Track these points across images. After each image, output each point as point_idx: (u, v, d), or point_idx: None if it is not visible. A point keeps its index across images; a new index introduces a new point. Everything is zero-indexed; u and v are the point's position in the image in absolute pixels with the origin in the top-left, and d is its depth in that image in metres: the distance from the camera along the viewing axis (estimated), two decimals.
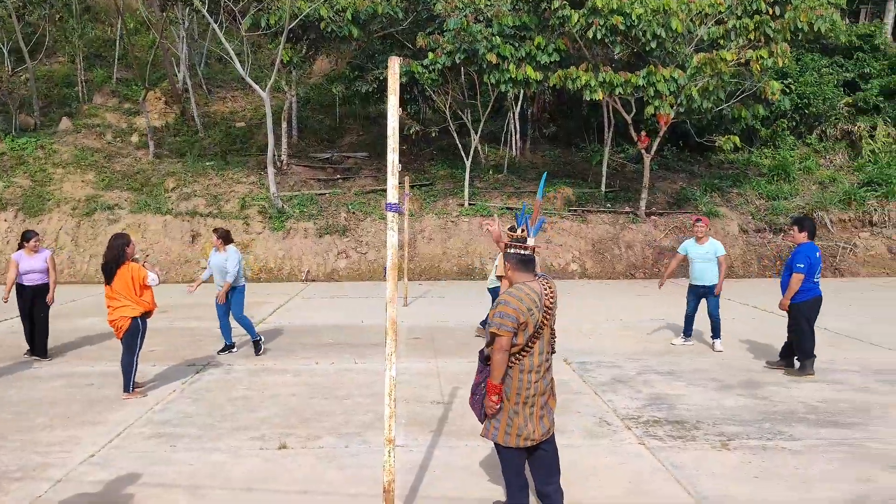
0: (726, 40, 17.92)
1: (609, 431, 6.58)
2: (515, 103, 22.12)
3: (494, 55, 17.79)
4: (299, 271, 18.22)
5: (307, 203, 19.89)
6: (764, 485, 5.34)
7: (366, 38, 20.95)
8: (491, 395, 4.39)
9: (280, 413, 7.09)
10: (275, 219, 19.03)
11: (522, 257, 4.44)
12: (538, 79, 18.03)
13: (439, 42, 18.52)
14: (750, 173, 22.34)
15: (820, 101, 23.04)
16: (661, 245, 19.11)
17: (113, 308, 7.64)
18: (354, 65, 22.69)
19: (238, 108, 25.75)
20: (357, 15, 18.71)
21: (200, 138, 23.39)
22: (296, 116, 23.98)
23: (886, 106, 23.43)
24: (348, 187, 21.12)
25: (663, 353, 9.89)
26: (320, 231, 18.92)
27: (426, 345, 10.37)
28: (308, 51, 20.95)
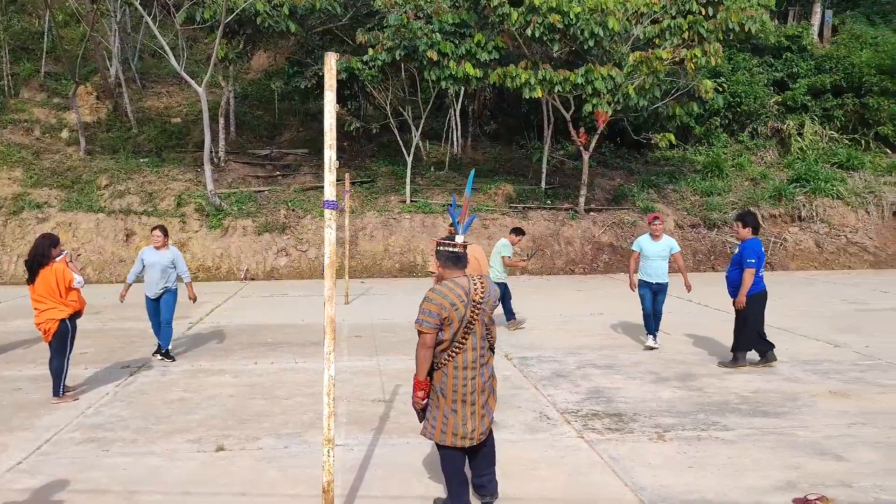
0: (661, 39, 18.29)
1: (549, 425, 6.65)
2: (456, 100, 22.17)
3: (435, 52, 17.80)
4: (238, 270, 17.93)
5: (246, 200, 19.57)
6: (698, 474, 5.47)
7: (304, 34, 20.70)
8: (416, 390, 4.47)
9: (218, 415, 6.96)
10: (212, 217, 18.68)
11: (451, 254, 4.51)
12: (478, 76, 18.12)
13: (379, 38, 18.44)
14: (685, 170, 22.86)
15: (751, 100, 23.71)
16: (600, 241, 19.41)
17: (39, 311, 7.37)
18: (293, 60, 22.42)
19: (174, 103, 25.15)
20: (294, 10, 18.48)
21: (134, 134, 22.77)
22: (233, 112, 23.55)
23: (813, 105, 24.25)
24: (288, 184, 20.87)
25: (602, 347, 10.05)
26: (259, 229, 18.65)
27: (368, 343, 10.32)
28: (245, 46, 20.61)
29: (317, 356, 9.32)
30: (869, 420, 6.73)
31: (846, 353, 9.61)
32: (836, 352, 9.68)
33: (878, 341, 10.26)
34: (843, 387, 7.90)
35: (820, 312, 12.80)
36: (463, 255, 4.55)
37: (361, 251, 18.58)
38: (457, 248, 4.53)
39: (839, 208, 21.00)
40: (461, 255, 4.54)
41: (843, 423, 6.67)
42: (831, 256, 20.03)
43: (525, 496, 5.10)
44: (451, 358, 4.42)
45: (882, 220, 21.05)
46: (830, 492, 5.11)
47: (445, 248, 4.54)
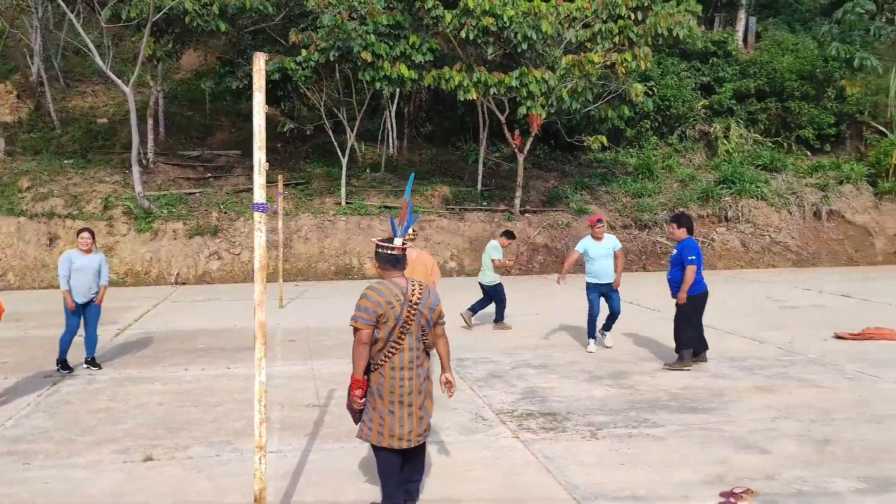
0: (593, 43, 18.60)
1: (484, 426, 6.68)
2: (391, 102, 22.11)
3: (369, 53, 17.70)
4: (168, 274, 17.49)
5: (176, 203, 19.10)
6: (630, 471, 5.57)
7: (235, 33, 20.33)
8: (353, 389, 4.48)
9: (146, 423, 6.77)
10: (141, 220, 18.16)
11: (390, 256, 4.60)
12: (413, 77, 18.10)
13: (313, 39, 18.23)
14: (617, 172, 23.30)
15: (680, 104, 24.32)
16: (535, 242, 19.62)
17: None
18: (224, 60, 22.00)
19: (100, 103, 24.38)
20: (225, 9, 18.10)
21: (58, 135, 21.96)
22: (163, 113, 22.94)
23: (739, 109, 25.03)
24: (220, 186, 20.46)
25: (537, 347, 10.15)
26: (190, 232, 18.23)
27: (302, 347, 10.19)
28: (174, 45, 20.11)
29: (249, 361, 9.14)
30: (791, 414, 6.97)
31: (770, 349, 9.93)
32: (761, 348, 10.00)
33: (800, 337, 10.64)
34: (767, 382, 8.16)
35: (746, 310, 13.21)
36: (401, 257, 4.62)
37: (296, 254, 18.34)
38: (395, 250, 4.60)
39: (763, 209, 21.70)
40: (399, 256, 4.61)
41: (768, 417, 6.89)
42: (756, 255, 20.69)
43: (460, 497, 5.11)
44: (388, 358, 4.46)
45: (804, 221, 21.85)
46: (755, 484, 5.26)
47: (384, 250, 4.61)
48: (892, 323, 11.27)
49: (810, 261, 20.84)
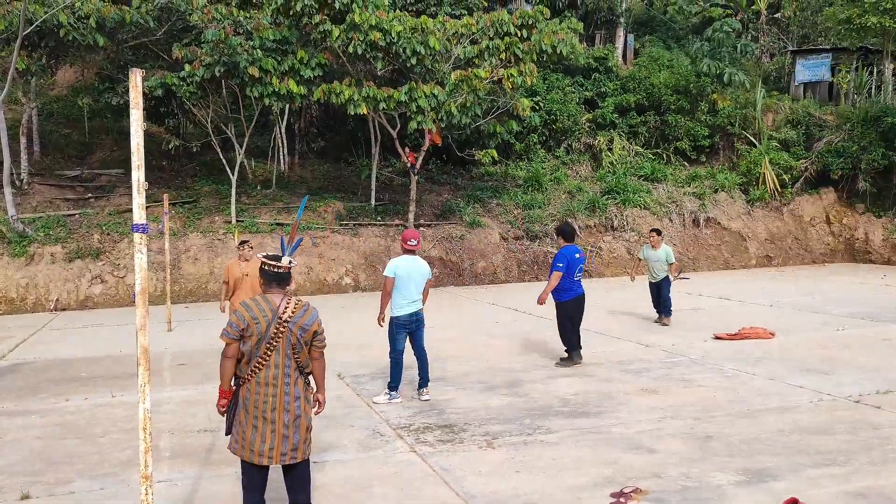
0: (481, 59, 18.97)
1: (382, 442, 6.67)
2: (281, 117, 21.81)
3: (256, 69, 17.41)
4: (46, 301, 16.58)
5: (53, 225, 18.15)
6: (525, 478, 5.69)
7: (115, 48, 19.57)
8: (219, 398, 4.64)
9: (22, 459, 6.39)
10: (15, 244, 17.15)
11: (273, 274, 4.66)
12: (302, 93, 17.93)
13: (197, 54, 17.78)
14: (507, 185, 23.79)
15: (565, 118, 25.09)
16: (430, 255, 19.74)
17: None
18: (104, 76, 21.12)
19: None
20: (103, 22, 17.42)
21: None
22: (37, 131, 21.78)
23: (620, 122, 26.05)
24: (102, 207, 19.58)
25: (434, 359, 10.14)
26: (70, 255, 17.35)
27: (193, 370, 9.88)
28: (48, 59, 19.18)
29: (135, 388, 8.76)
30: (676, 413, 7.31)
31: (655, 352, 10.37)
32: (647, 351, 10.43)
33: (681, 340, 11.16)
34: (653, 384, 8.52)
35: (631, 315, 13.73)
36: (285, 274, 4.68)
37: (185, 274, 17.76)
38: (280, 268, 4.65)
39: (647, 217, 22.65)
40: (283, 274, 4.67)
41: (654, 417, 7.19)
42: None
43: None
44: (255, 373, 4.54)
45: (684, 228, 22.95)
46: (643, 483, 5.48)
47: (269, 268, 4.65)
48: (765, 323, 12.01)
49: (690, 266, 21.88)
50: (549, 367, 9.52)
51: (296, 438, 4.60)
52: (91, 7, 17.35)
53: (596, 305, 14.76)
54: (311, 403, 4.79)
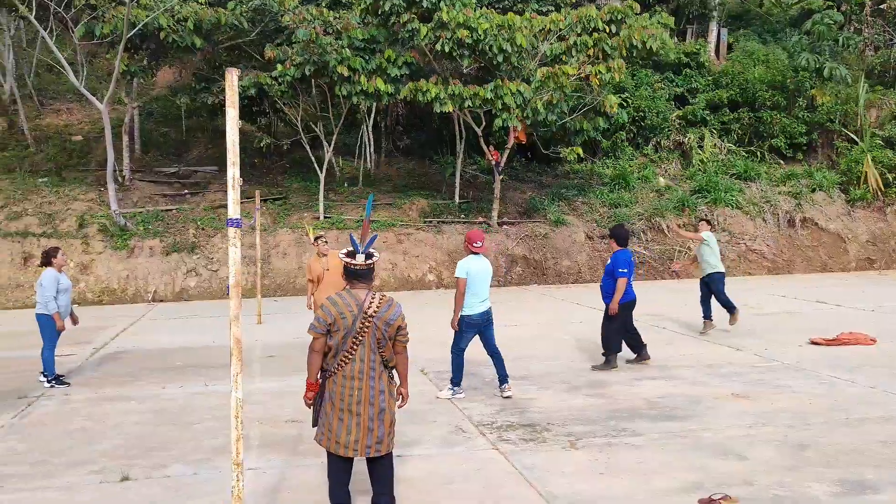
0: (568, 56, 18.77)
1: (464, 438, 6.68)
2: (368, 116, 22.15)
3: (345, 68, 17.74)
4: (145, 292, 17.34)
5: (152, 220, 18.98)
6: (609, 480, 5.60)
7: (211, 49, 20.29)
8: (306, 391, 4.75)
9: (123, 444, 6.69)
10: (117, 237, 18.01)
11: (353, 271, 4.80)
12: (389, 91, 18.16)
13: (288, 54, 18.25)
14: (593, 183, 23.47)
15: (654, 115, 24.56)
16: (514, 254, 19.69)
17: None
18: (200, 76, 21.93)
19: (74, 120, 24.20)
20: (200, 25, 18.09)
21: (32, 153, 21.78)
22: (139, 129, 22.83)
23: (712, 119, 25.31)
24: (197, 202, 20.35)
25: (516, 358, 10.14)
26: (167, 249, 18.10)
27: (281, 363, 10.14)
28: (149, 61, 20.04)
29: (227, 378, 9.03)
30: (768, 420, 7.04)
31: (746, 356, 10.03)
32: (737, 355, 10.10)
33: (774, 344, 10.75)
34: (744, 389, 8.24)
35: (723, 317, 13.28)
36: (363, 270, 4.79)
37: (274, 269, 18.27)
38: (357, 265, 4.79)
39: (738, 217, 21.94)
40: (363, 271, 4.79)
41: (745, 423, 6.95)
42: (732, 263, 20.88)
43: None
44: (341, 367, 4.63)
45: (778, 229, 22.12)
46: (733, 490, 5.30)
47: (348, 265, 4.81)
48: (865, 328, 11.43)
49: (785, 268, 21.08)
50: (634, 369, 9.34)
51: (380, 431, 4.67)
52: (189, 10, 18.05)
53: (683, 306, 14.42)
54: (395, 397, 4.87)
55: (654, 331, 12.07)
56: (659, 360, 9.74)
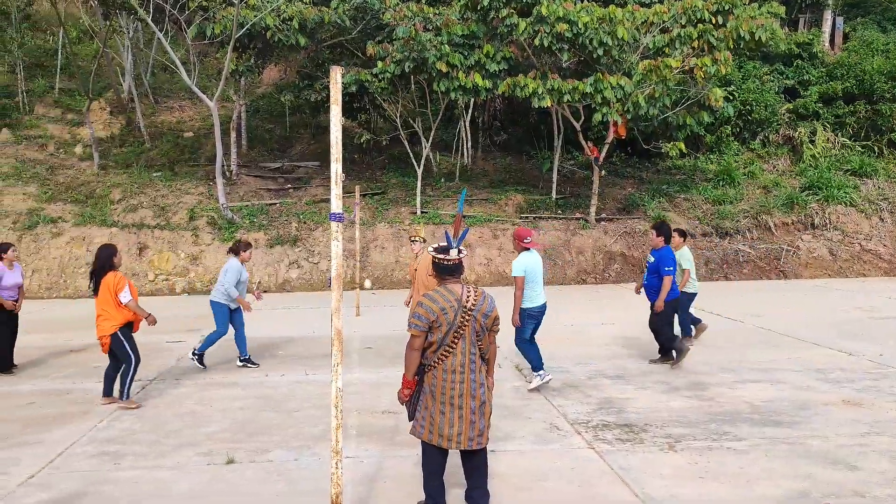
0: (671, 48, 18.28)
1: (559, 436, 6.63)
2: (466, 111, 22.23)
3: (444, 63, 17.86)
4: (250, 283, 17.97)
5: (257, 213, 19.68)
6: (709, 484, 5.44)
7: (314, 47, 20.84)
8: (403, 388, 4.75)
9: (228, 427, 6.98)
10: (224, 230, 18.78)
11: (446, 266, 4.80)
12: (487, 87, 18.16)
13: (388, 51, 18.52)
14: (696, 179, 22.79)
15: (762, 108, 23.62)
16: (612, 250, 19.36)
17: (98, 322, 7.66)
18: (303, 73, 22.56)
19: (186, 118, 25.38)
20: (304, 24, 18.60)
21: (147, 149, 22.98)
22: (245, 126, 23.72)
23: (825, 112, 24.12)
24: (299, 197, 20.96)
25: (612, 357, 10.01)
26: (271, 241, 18.73)
27: (378, 354, 10.33)
28: (256, 60, 20.77)
29: (327, 368, 9.28)
30: (883, 429, 6.67)
31: (860, 361, 9.53)
32: (850, 360, 9.60)
33: (891, 349, 10.16)
34: (856, 395, 7.83)
35: (833, 320, 12.69)
36: (454, 266, 4.81)
37: (373, 262, 18.61)
38: (451, 260, 4.79)
39: (853, 215, 20.85)
40: (454, 266, 4.81)
41: (857, 431, 6.61)
42: (845, 264, 19.88)
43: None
44: (441, 361, 4.67)
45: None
46: (843, 501, 5.07)
47: (440, 260, 4.82)
48: None
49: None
50: (737, 371, 9.03)
51: (481, 424, 4.74)
52: (294, 10, 18.58)
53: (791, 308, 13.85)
54: None
55: (759, 333, 11.63)
56: (763, 362, 9.39)
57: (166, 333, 11.83)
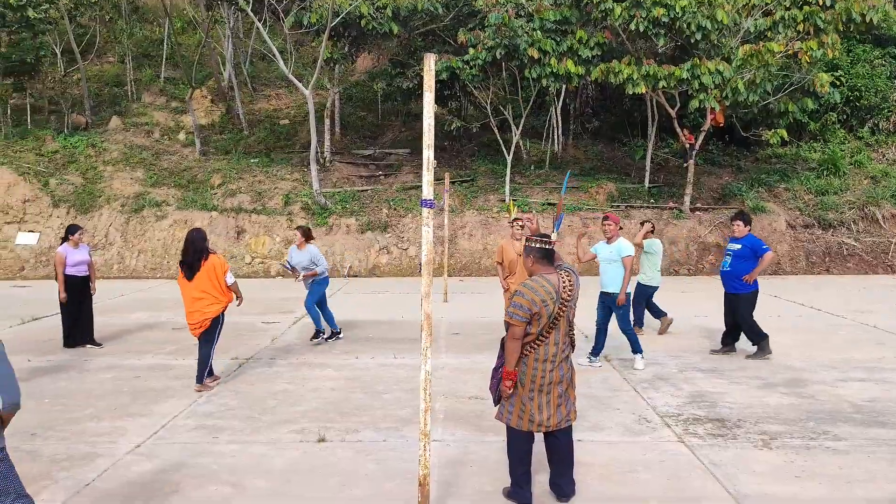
0: (774, 32, 17.56)
1: (648, 428, 6.52)
2: (557, 98, 21.98)
3: (536, 50, 17.71)
4: (341, 267, 18.40)
5: (349, 199, 20.07)
6: (806, 485, 5.25)
7: (407, 35, 21.01)
8: (505, 380, 4.68)
9: (320, 407, 7.18)
10: (318, 215, 19.24)
11: (544, 251, 4.72)
12: (580, 73, 17.90)
13: (480, 37, 18.49)
14: (798, 168, 21.87)
15: (872, 94, 22.42)
16: (706, 241, 18.83)
17: (195, 307, 7.68)
18: (396, 61, 22.78)
19: (282, 105, 26.07)
20: (397, 11, 18.77)
21: (245, 136, 23.75)
22: (338, 113, 24.18)
23: None
24: (390, 183, 21.25)
25: (706, 350, 9.75)
26: (362, 227, 19.08)
27: (465, 340, 10.39)
28: (350, 48, 21.11)
29: (415, 352, 9.45)
30: None
31: None
32: None
33: None
34: None
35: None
36: (553, 251, 4.77)
37: (460, 249, 18.70)
38: (551, 244, 4.74)
39: None
40: (552, 251, 4.76)
41: None
42: None
43: (620, 497, 5.03)
44: (533, 350, 4.63)
45: None
46: None
47: (537, 245, 4.74)
48: None
49: None
50: (839, 368, 8.64)
51: (568, 405, 4.78)
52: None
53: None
54: None
55: (864, 330, 11.10)
56: (868, 361, 8.96)
57: (261, 315, 12.24)
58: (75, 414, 7.00)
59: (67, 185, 20.05)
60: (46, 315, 12.40)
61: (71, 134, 22.34)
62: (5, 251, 18.67)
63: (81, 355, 9.58)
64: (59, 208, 19.39)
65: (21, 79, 22.85)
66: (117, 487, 5.24)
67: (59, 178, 20.17)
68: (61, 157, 21.22)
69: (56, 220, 19.13)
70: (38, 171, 20.21)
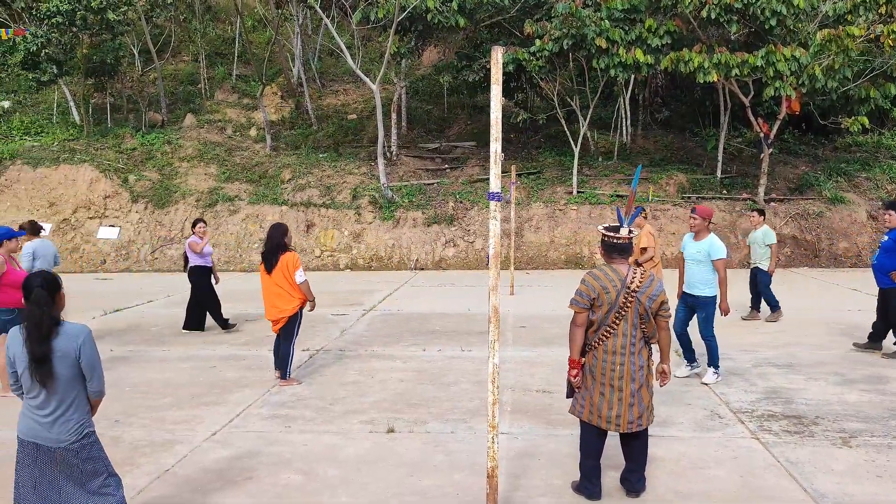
0: (854, 15, 16.89)
1: (720, 424, 6.39)
2: (626, 88, 21.64)
3: (603, 40, 17.45)
4: (408, 260, 18.55)
5: (416, 193, 20.20)
6: (887, 485, 5.06)
7: (473, 28, 20.98)
8: (570, 368, 4.74)
9: (388, 398, 7.27)
10: (385, 209, 19.44)
11: (615, 245, 4.76)
12: (649, 62, 17.56)
13: (547, 28, 18.33)
14: (880, 157, 21.01)
15: None
16: (782, 233, 18.27)
17: (273, 301, 7.69)
18: (462, 54, 22.78)
19: (350, 100, 26.40)
20: (463, 4, 18.75)
21: (314, 131, 24.15)
22: (405, 107, 24.35)
23: None
24: (456, 177, 21.30)
25: (781, 345, 9.49)
26: (428, 220, 19.18)
27: (532, 333, 10.36)
28: (416, 42, 21.21)
29: (482, 345, 9.48)
30: None
31: None
32: None
33: None
34: None
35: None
36: (626, 245, 4.75)
37: (527, 242, 18.62)
38: (621, 239, 4.74)
39: None
40: (624, 245, 4.75)
41: None
42: None
43: (692, 494, 4.95)
44: (602, 341, 4.65)
45: None
46: None
47: (609, 239, 4.78)
48: None
49: None
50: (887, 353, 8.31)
51: (640, 407, 4.70)
52: None
53: None
54: (654, 374, 4.86)
55: None
56: None
57: (331, 307, 12.45)
58: (155, 402, 7.26)
59: (145, 181, 20.76)
60: (128, 306, 12.89)
61: (148, 132, 23.12)
62: (88, 245, 19.46)
63: (162, 345, 9.92)
64: (137, 203, 20.10)
65: (102, 79, 23.74)
66: (195, 473, 5.43)
67: (137, 175, 20.90)
68: (139, 154, 21.98)
69: (135, 216, 19.84)
70: (118, 167, 20.99)
